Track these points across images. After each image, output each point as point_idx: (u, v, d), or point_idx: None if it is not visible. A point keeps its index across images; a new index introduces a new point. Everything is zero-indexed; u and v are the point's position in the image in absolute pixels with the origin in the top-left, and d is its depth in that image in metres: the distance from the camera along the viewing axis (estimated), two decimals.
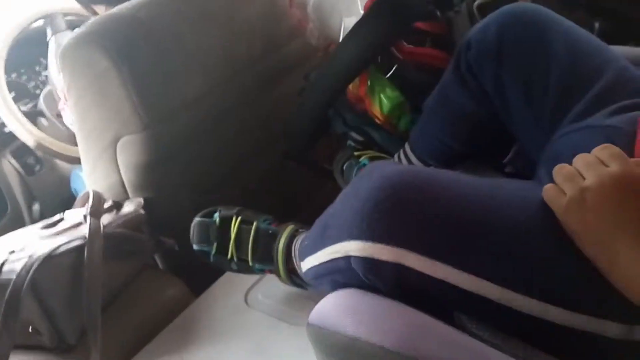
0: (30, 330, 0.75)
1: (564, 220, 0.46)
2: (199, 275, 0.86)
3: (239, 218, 0.77)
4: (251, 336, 0.75)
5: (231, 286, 0.83)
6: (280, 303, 0.79)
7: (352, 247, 0.50)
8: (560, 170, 0.48)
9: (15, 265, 0.72)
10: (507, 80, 0.66)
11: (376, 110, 0.88)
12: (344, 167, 0.97)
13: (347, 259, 0.51)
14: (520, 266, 0.46)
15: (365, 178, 0.52)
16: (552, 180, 0.48)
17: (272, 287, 0.78)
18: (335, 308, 0.47)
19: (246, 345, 0.74)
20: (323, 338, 0.46)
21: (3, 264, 0.73)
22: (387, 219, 0.47)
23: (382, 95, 0.85)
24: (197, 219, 0.79)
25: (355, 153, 0.94)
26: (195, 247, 0.79)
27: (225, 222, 0.77)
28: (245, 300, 0.81)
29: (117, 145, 0.88)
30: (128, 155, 0.88)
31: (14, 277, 0.70)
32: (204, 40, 0.91)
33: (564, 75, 0.62)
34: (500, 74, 0.66)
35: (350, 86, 0.89)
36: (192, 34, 0.89)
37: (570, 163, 0.48)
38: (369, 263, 0.48)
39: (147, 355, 0.76)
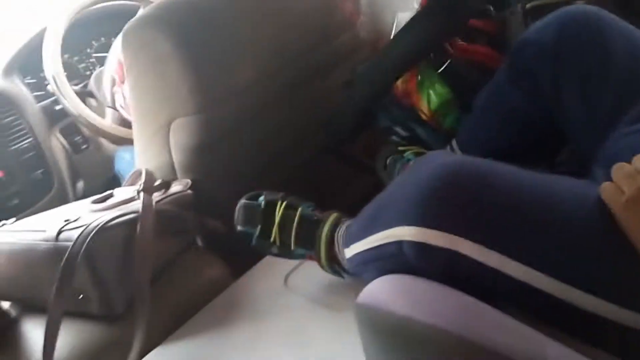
0: (80, 297, 0.78)
1: (622, 218, 0.46)
2: (239, 258, 0.89)
3: (284, 203, 0.79)
4: (290, 319, 0.77)
5: (271, 269, 0.85)
6: (320, 288, 0.81)
7: (406, 232, 0.51)
8: (620, 169, 0.48)
9: (71, 234, 0.76)
10: (564, 80, 0.66)
11: (423, 106, 0.89)
12: (388, 162, 0.98)
13: (398, 244, 0.52)
14: (575, 261, 0.46)
15: (424, 166, 0.53)
16: (608, 180, 0.48)
17: (312, 272, 0.79)
18: (388, 289, 0.49)
19: (284, 328, 0.75)
20: (374, 317, 0.47)
21: (60, 231, 0.77)
22: (444, 206, 0.48)
23: (431, 91, 0.86)
24: (243, 201, 0.81)
25: (400, 148, 0.95)
26: (239, 228, 0.81)
27: (271, 205, 0.79)
28: (285, 283, 0.83)
29: (170, 127, 0.91)
30: (180, 137, 0.91)
31: (70, 244, 0.74)
32: (257, 30, 0.93)
33: (623, 78, 0.62)
34: (557, 74, 0.66)
35: (399, 80, 0.90)
36: (246, 24, 0.91)
37: (623, 162, 0.48)
38: (423, 248, 0.49)
39: (187, 331, 0.79)
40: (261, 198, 0.80)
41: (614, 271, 0.46)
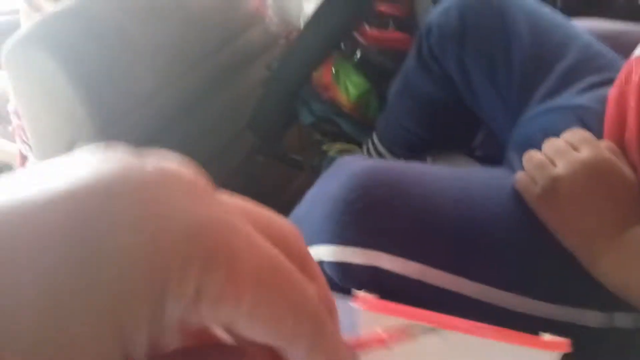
0: None
1: (538, 210, 0.44)
2: None
3: None
4: None
5: None
6: None
7: (323, 252, 0.47)
8: (530, 159, 0.46)
9: None
10: (471, 62, 0.64)
11: (342, 98, 0.85)
12: (313, 164, 0.94)
13: (319, 264, 0.49)
14: (497, 261, 0.44)
15: (333, 177, 0.50)
16: (523, 166, 0.47)
17: None
18: None
19: None
20: None
21: None
22: (359, 221, 0.45)
23: (347, 82, 0.83)
24: None
25: (324, 147, 0.92)
26: None
27: None
28: None
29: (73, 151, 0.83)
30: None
31: None
32: (151, 34, 0.86)
33: (527, 55, 0.60)
34: (463, 57, 0.64)
35: (316, 74, 0.86)
36: (137, 29, 0.84)
37: (541, 147, 0.47)
38: (343, 267, 0.46)
39: None
40: None
41: (537, 267, 0.45)
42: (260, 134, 0.95)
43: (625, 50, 0.56)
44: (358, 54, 0.81)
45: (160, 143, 0.92)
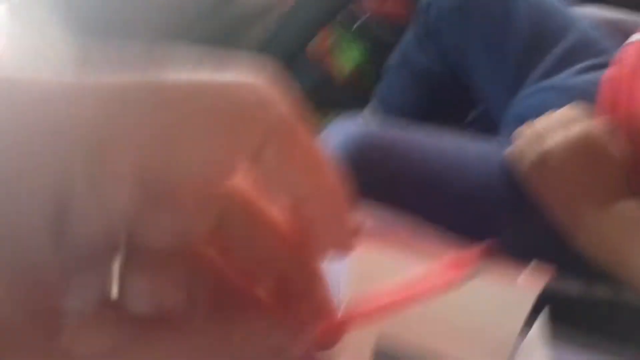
0: None
1: (527, 182, 0.45)
2: None
3: None
4: None
5: None
6: None
7: None
8: (523, 133, 0.47)
9: None
10: (469, 40, 0.65)
11: (338, 68, 0.85)
12: None
13: None
14: (486, 226, 0.45)
15: (330, 139, 0.50)
16: (515, 140, 0.48)
17: None
18: None
19: None
20: None
21: None
22: (352, 180, 0.45)
23: (344, 53, 0.82)
24: None
25: (316, 117, 0.91)
26: None
27: None
28: None
29: None
30: None
31: None
32: None
33: (527, 35, 0.61)
34: (461, 34, 0.65)
35: (312, 42, 0.85)
36: None
37: (526, 124, 0.48)
38: None
39: None
40: None
41: (522, 234, 0.46)
42: None
43: (623, 37, 0.57)
44: (357, 24, 0.80)
45: None
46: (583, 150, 0.43)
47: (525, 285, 0.28)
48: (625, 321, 0.46)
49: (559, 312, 0.47)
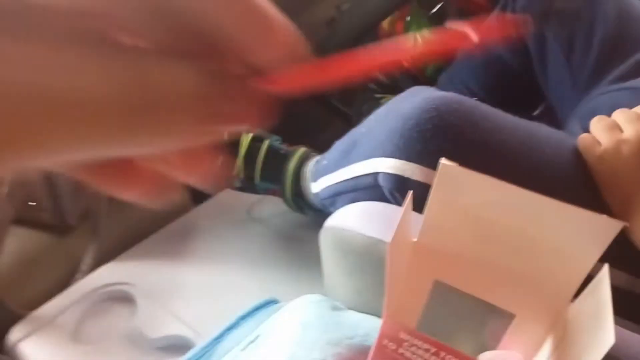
0: (30, 204, 0.75)
1: (596, 168, 0.47)
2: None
3: (250, 134, 0.75)
4: (252, 247, 0.76)
5: (235, 198, 0.83)
6: (284, 220, 0.80)
7: (383, 164, 0.50)
8: (598, 121, 0.48)
9: None
10: (551, 36, 0.66)
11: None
12: (363, 109, 0.96)
13: (374, 175, 0.52)
14: None
15: (408, 98, 0.52)
16: (588, 130, 0.49)
17: (277, 203, 0.78)
18: (358, 213, 0.48)
19: (244, 254, 0.75)
20: (342, 239, 0.47)
21: None
22: (426, 140, 0.47)
23: (417, 35, 0.84)
24: None
25: (377, 95, 0.94)
26: None
27: (235, 137, 0.76)
28: (249, 213, 0.82)
29: None
30: None
31: None
32: None
33: (610, 38, 0.62)
34: (545, 27, 0.66)
35: (387, 23, 0.87)
36: None
37: (603, 115, 0.49)
38: (399, 180, 0.49)
39: (143, 249, 0.77)
40: None
41: None
42: None
43: None
44: (437, 7, 0.82)
45: None
46: None
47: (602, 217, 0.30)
48: None
49: None
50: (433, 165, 0.48)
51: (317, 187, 0.65)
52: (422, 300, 0.37)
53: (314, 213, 0.74)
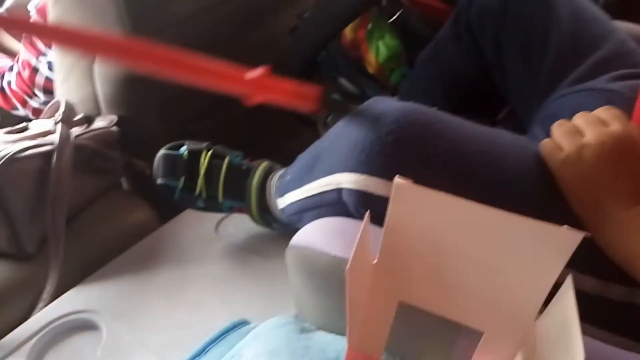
0: None
1: (559, 175, 0.46)
2: (168, 204, 0.84)
3: (210, 152, 0.72)
4: (219, 264, 0.74)
5: (202, 216, 0.81)
6: (251, 236, 0.78)
7: (346, 179, 0.49)
8: (559, 126, 0.48)
9: None
10: (507, 40, 0.66)
11: (371, 58, 0.86)
12: (328, 120, 0.95)
13: (338, 191, 0.50)
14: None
15: (368, 111, 0.51)
16: (549, 134, 0.49)
17: (245, 219, 0.77)
18: (322, 231, 0.47)
19: (213, 272, 0.73)
20: (307, 258, 0.45)
21: None
22: (387, 153, 0.46)
23: (380, 43, 0.84)
24: (163, 152, 0.74)
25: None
26: (159, 181, 0.74)
27: (194, 155, 0.72)
28: (216, 230, 0.80)
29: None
30: (106, 68, 0.83)
31: None
32: None
33: (565, 40, 0.62)
34: (500, 33, 0.66)
35: (348, 29, 0.87)
36: None
37: (564, 119, 0.49)
38: (363, 196, 0.47)
39: (105, 274, 0.74)
40: (183, 148, 0.73)
41: None
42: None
43: None
44: (397, 14, 0.82)
45: None
46: (620, 148, 0.44)
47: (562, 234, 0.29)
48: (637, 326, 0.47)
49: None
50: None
51: (282, 202, 0.63)
52: (387, 323, 0.36)
53: (283, 228, 0.73)
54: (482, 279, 0.33)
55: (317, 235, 0.46)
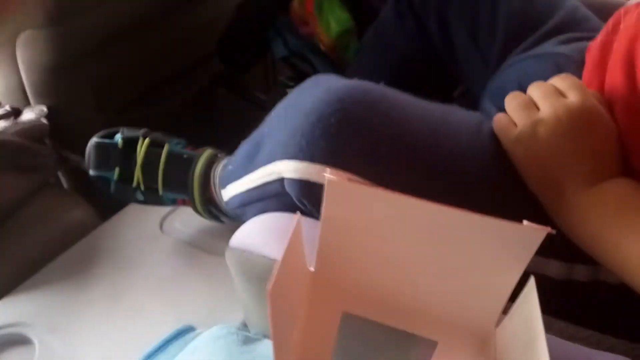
0: None
1: (512, 152, 0.43)
2: (110, 200, 0.77)
3: (147, 140, 0.66)
4: (164, 264, 0.68)
5: (145, 211, 0.75)
6: (199, 231, 0.73)
7: (286, 168, 0.44)
8: (512, 99, 0.44)
9: None
10: (453, 17, 0.62)
11: (322, 34, 0.81)
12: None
13: (280, 181, 0.45)
14: (464, 197, 0.42)
15: (308, 90, 0.46)
16: (499, 112, 0.45)
17: (191, 214, 0.71)
18: (261, 230, 0.42)
19: (158, 273, 0.67)
20: (245, 262, 0.40)
21: None
22: (330, 136, 0.41)
23: (330, 17, 0.78)
24: (94, 140, 0.67)
25: (287, 90, 0.87)
26: (92, 172, 0.68)
27: (130, 144, 0.66)
28: (161, 227, 0.74)
29: (17, 41, 0.75)
30: (31, 53, 0.75)
31: None
32: None
33: (514, 13, 0.59)
34: (445, 10, 0.62)
35: (297, 3, 0.80)
36: None
37: (517, 92, 0.45)
38: (306, 186, 0.42)
39: (38, 282, 0.67)
40: (118, 135, 0.67)
41: (500, 208, 0.43)
42: (227, 59, 0.89)
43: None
44: None
45: (116, 51, 0.85)
46: (578, 121, 0.40)
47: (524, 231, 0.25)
48: (605, 306, 0.44)
49: (538, 293, 0.45)
50: (342, 165, 0.42)
51: (225, 194, 0.58)
52: (331, 336, 0.31)
53: (232, 221, 0.67)
54: (433, 284, 0.28)
55: (255, 236, 0.41)
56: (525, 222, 0.24)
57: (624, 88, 0.42)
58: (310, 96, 0.44)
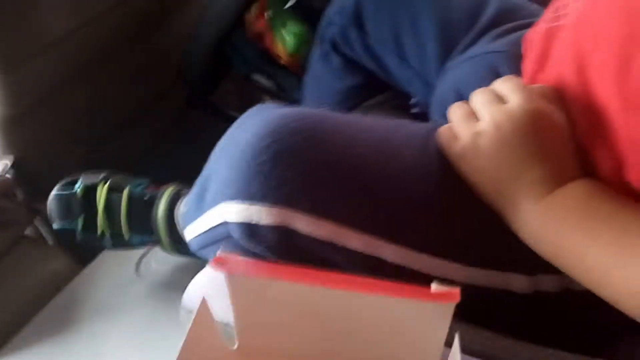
0: None
1: (458, 167, 0.39)
2: (85, 246, 0.76)
3: (106, 185, 0.65)
4: (143, 309, 0.67)
5: (120, 255, 0.73)
6: (178, 270, 0.71)
7: (229, 210, 0.41)
8: (455, 110, 0.41)
9: None
10: (376, 46, 0.60)
11: (279, 49, 0.78)
12: None
13: (226, 225, 0.43)
14: (416, 220, 0.39)
15: (248, 121, 0.43)
16: (445, 123, 0.42)
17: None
18: (202, 288, 0.39)
19: (135, 322, 0.65)
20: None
21: None
22: (267, 173, 0.39)
23: (283, 31, 0.75)
24: (53, 193, 0.67)
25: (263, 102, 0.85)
26: (55, 225, 0.67)
27: (90, 191, 0.65)
28: (137, 270, 0.72)
29: None
30: None
31: None
32: None
33: (440, 19, 0.56)
34: (367, 42, 0.60)
35: (248, 19, 0.77)
36: None
37: (461, 102, 0.42)
38: (249, 229, 0.40)
39: (16, 346, 0.66)
40: (77, 184, 0.66)
41: (457, 226, 0.40)
42: (191, 81, 0.87)
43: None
44: (292, 1, 0.73)
45: (74, 94, 0.83)
46: (521, 127, 0.36)
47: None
48: (570, 317, 0.41)
49: (503, 310, 0.42)
50: (282, 201, 0.39)
51: (187, 236, 0.55)
52: None
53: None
54: None
55: (197, 295, 0.38)
56: (433, 286, 0.21)
57: (576, 85, 0.38)
58: (246, 131, 0.41)
